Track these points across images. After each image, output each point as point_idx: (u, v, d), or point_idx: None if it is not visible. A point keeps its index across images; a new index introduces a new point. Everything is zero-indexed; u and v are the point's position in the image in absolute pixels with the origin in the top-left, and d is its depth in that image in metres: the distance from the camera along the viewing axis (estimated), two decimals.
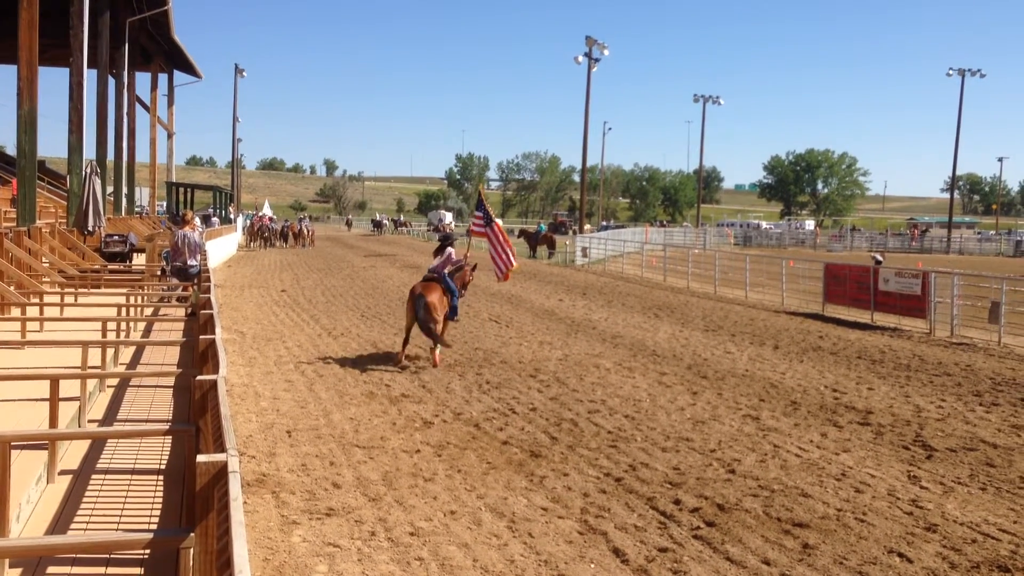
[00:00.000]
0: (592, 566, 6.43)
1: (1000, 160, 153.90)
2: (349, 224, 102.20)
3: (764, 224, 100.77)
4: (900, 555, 6.65)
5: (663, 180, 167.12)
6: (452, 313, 14.60)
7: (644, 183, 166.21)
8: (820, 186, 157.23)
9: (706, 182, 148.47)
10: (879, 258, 30.44)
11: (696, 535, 7.03)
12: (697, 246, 58.93)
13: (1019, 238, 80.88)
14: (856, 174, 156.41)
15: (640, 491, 8.07)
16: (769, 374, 14.12)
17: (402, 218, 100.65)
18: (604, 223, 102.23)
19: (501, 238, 15.92)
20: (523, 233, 54.94)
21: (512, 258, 15.96)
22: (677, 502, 7.76)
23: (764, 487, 8.21)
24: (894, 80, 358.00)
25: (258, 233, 53.84)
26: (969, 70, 77.67)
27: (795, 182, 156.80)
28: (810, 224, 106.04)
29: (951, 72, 77.72)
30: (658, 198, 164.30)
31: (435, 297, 14.02)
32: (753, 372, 14.28)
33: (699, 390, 12.74)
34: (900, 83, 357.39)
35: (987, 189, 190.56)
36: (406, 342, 14.51)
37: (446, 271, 14.65)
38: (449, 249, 14.82)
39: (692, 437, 10.03)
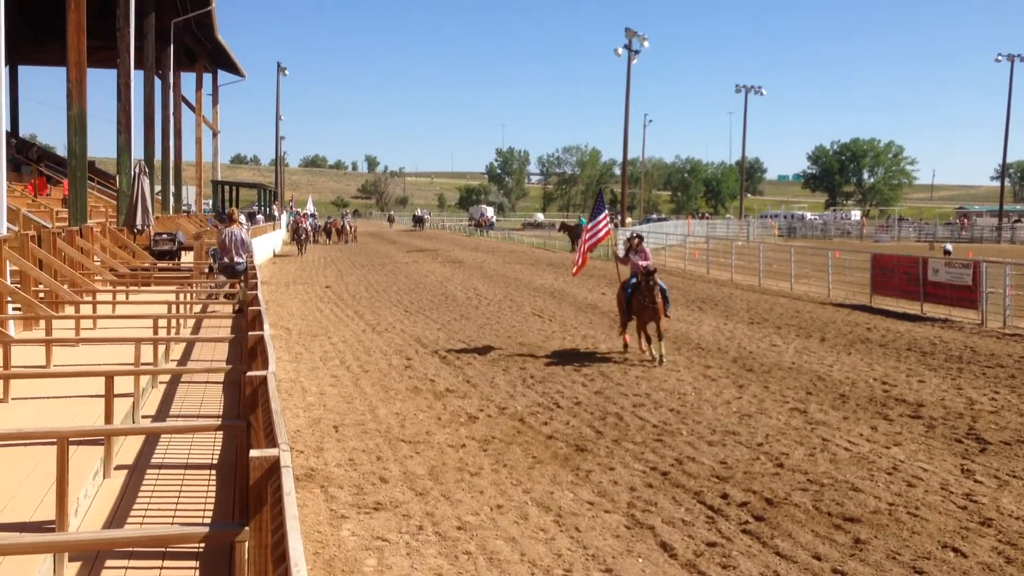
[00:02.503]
0: (640, 560, 6.41)
1: None
2: (391, 220, 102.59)
3: (809, 215, 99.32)
4: (954, 550, 6.54)
5: (705, 172, 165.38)
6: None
7: (686, 175, 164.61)
8: (866, 176, 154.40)
9: (749, 173, 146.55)
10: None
11: (745, 529, 6.97)
12: (740, 238, 58.37)
13: None
14: (903, 163, 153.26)
15: (687, 485, 8.03)
16: (816, 367, 13.96)
17: (421, 212, 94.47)
18: (653, 216, 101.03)
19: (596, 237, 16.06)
20: (564, 227, 54.84)
21: (582, 256, 16.35)
22: (724, 496, 7.71)
23: (813, 481, 8.12)
24: (941, 67, 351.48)
25: (294, 234, 45.84)
26: (1019, 55, 75.93)
27: (840, 172, 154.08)
28: (856, 214, 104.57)
29: (1000, 58, 76.04)
30: (700, 190, 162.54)
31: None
32: (800, 365, 14.12)
33: (745, 383, 12.63)
34: (947, 70, 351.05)
35: None
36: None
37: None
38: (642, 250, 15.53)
39: (739, 431, 9.96)
